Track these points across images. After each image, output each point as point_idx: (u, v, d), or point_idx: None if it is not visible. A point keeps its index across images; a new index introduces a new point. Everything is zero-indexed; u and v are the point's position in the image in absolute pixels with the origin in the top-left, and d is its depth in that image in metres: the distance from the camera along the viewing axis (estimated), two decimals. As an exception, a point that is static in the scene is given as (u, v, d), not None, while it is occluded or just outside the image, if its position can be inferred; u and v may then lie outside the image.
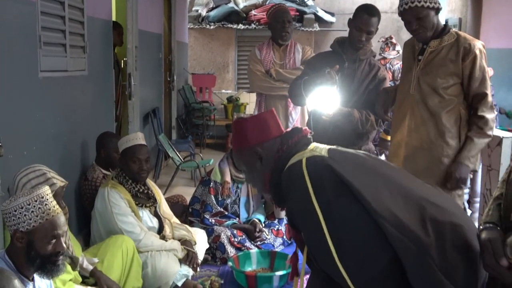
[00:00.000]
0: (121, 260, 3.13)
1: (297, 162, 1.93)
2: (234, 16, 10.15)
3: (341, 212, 1.75)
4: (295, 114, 4.58)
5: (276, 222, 4.37)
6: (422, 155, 3.02)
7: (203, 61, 10.51)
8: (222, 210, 4.21)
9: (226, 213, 4.23)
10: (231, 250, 3.92)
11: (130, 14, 5.38)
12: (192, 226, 3.92)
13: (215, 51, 10.50)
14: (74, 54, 3.74)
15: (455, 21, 8.72)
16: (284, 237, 4.30)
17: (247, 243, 4.03)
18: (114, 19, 5.55)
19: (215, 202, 4.20)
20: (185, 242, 3.57)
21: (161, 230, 3.56)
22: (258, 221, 4.25)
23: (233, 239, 3.99)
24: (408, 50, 3.23)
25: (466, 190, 4.23)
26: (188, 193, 4.87)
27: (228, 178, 4.25)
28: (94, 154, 4.07)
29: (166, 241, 3.48)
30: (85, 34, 3.92)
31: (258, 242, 4.12)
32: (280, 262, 3.75)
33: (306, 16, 10.14)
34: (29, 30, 3.08)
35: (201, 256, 3.69)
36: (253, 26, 10.02)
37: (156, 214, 3.58)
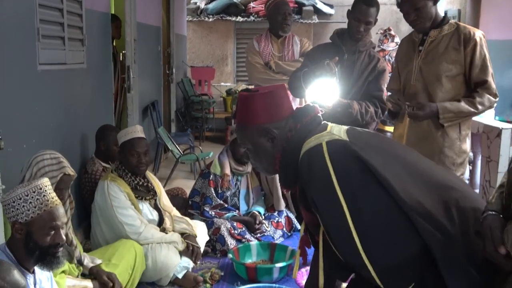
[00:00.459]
0: (127, 263, 3.13)
1: (316, 146, 1.82)
2: (233, 8, 10.13)
3: (367, 202, 1.70)
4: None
5: (276, 214, 4.37)
6: (423, 146, 3.02)
7: (202, 53, 10.49)
8: (222, 202, 4.21)
9: (226, 205, 4.23)
10: (231, 242, 3.92)
11: (128, 6, 5.35)
12: (192, 219, 3.93)
13: (214, 44, 10.48)
14: (73, 47, 3.73)
15: (454, 12, 8.70)
16: (284, 229, 4.31)
17: (247, 235, 4.04)
18: (112, 12, 5.53)
19: (215, 194, 4.20)
20: (188, 237, 3.57)
21: (161, 223, 3.57)
22: (258, 213, 4.25)
23: (233, 231, 3.99)
24: (405, 45, 3.25)
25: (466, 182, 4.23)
26: (187, 186, 4.87)
27: (227, 170, 4.25)
28: (93, 147, 4.07)
29: (166, 233, 3.49)
30: (83, 27, 3.91)
31: (258, 234, 4.13)
32: (280, 254, 3.76)
33: (305, 8, 10.12)
34: (27, 23, 3.07)
35: (201, 248, 3.69)
36: (251, 18, 10.00)
37: (156, 207, 3.58)
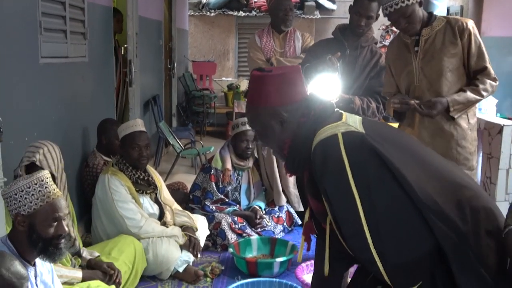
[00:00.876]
0: (126, 257, 3.13)
1: (332, 136, 1.76)
2: (235, 3, 10.10)
3: (381, 197, 1.67)
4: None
5: (276, 209, 4.38)
6: (439, 142, 3.03)
7: (204, 48, 10.47)
8: (223, 197, 4.22)
9: (227, 200, 4.24)
10: (232, 237, 3.93)
11: (130, 0, 5.34)
12: (193, 213, 3.93)
13: (216, 39, 10.46)
14: (75, 40, 3.73)
15: (457, 9, 8.67)
16: (284, 224, 4.31)
17: (248, 230, 4.04)
18: (114, 6, 5.52)
19: (216, 189, 4.20)
20: (186, 229, 3.58)
21: (162, 217, 3.57)
22: (258, 208, 4.26)
23: (233, 226, 4.00)
24: (396, 48, 3.23)
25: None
26: (188, 180, 4.88)
27: (229, 165, 4.25)
28: (95, 140, 4.07)
29: (167, 227, 3.49)
30: (85, 20, 3.91)
31: (259, 229, 4.14)
32: (280, 249, 3.76)
33: (307, 3, 10.10)
34: (29, 16, 3.07)
35: (201, 242, 3.70)
36: (253, 13, 9.98)
37: (156, 201, 3.59)
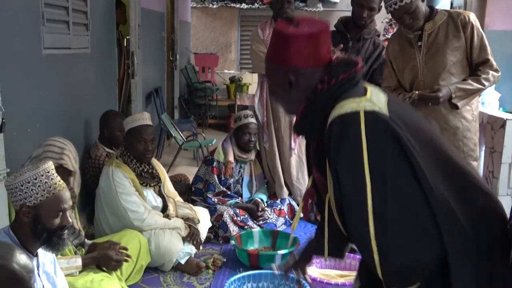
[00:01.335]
0: (131, 251, 3.13)
1: (353, 114, 1.57)
2: (237, -5, 10.08)
3: (394, 190, 1.52)
4: None
5: (278, 202, 4.38)
6: (446, 135, 3.04)
7: (206, 40, 10.45)
8: (225, 189, 4.22)
9: (229, 192, 4.24)
10: (234, 229, 3.94)
11: (133, -8, 5.34)
12: (194, 205, 3.94)
13: (218, 31, 10.44)
14: (77, 32, 3.72)
15: (460, 2, 8.61)
16: (286, 217, 4.32)
17: (250, 222, 4.05)
18: (117, -3, 5.51)
19: (218, 181, 4.20)
20: (188, 219, 3.59)
21: (165, 209, 3.57)
22: (260, 200, 4.26)
23: (235, 218, 4.01)
24: (397, 43, 3.22)
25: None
26: (190, 172, 4.88)
27: (231, 158, 4.25)
28: (97, 132, 4.07)
29: (170, 219, 3.50)
30: (88, 11, 3.90)
31: (261, 221, 4.14)
32: (282, 241, 3.77)
33: (310, -4, 10.07)
34: (32, 7, 3.06)
35: (203, 234, 3.71)
36: (256, 5, 9.94)
37: (160, 194, 3.59)
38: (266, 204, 4.32)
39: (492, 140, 4.22)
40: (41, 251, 2.12)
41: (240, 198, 4.29)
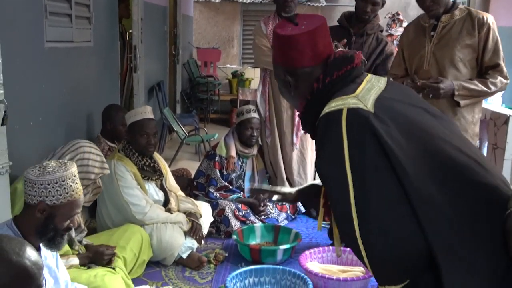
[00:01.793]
0: (133, 246, 3.16)
1: (336, 111, 1.60)
2: (240, -11, 10.06)
3: (374, 185, 1.52)
4: None
5: (280, 197, 4.37)
6: None
7: (208, 35, 10.44)
8: (227, 184, 4.22)
9: (231, 187, 4.24)
10: (236, 224, 3.94)
11: (135, -15, 5.33)
12: (196, 200, 3.94)
13: (220, 25, 10.43)
14: (80, 25, 3.71)
15: (464, -2, 8.60)
16: (288, 212, 4.32)
17: (252, 217, 4.05)
18: (120, -9, 5.49)
19: (220, 176, 4.20)
20: (190, 214, 3.59)
21: (166, 203, 3.57)
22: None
23: (237, 213, 4.01)
24: (413, 31, 3.22)
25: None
26: (192, 167, 4.88)
27: (233, 152, 4.25)
28: (99, 126, 4.07)
29: (172, 214, 3.50)
30: (90, 4, 3.89)
31: (262, 217, 4.14)
32: (284, 237, 3.77)
33: (313, -10, 10.05)
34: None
35: (205, 229, 3.71)
36: (258, 0, 9.92)
37: (162, 187, 3.59)
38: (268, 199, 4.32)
39: (495, 136, 4.21)
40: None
41: (242, 193, 4.29)
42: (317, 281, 3.02)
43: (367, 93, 1.65)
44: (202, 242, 3.62)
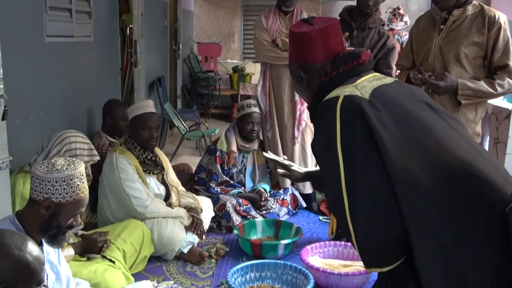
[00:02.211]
0: (135, 240, 3.16)
1: (334, 98, 1.71)
2: (240, -16, 10.02)
3: (361, 168, 1.60)
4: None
5: (281, 191, 4.37)
6: None
7: (209, 30, 10.41)
8: (228, 179, 4.22)
9: (232, 182, 4.24)
10: (237, 219, 3.94)
11: (136, -20, 5.31)
12: (197, 195, 3.94)
13: (221, 20, 10.39)
14: (80, 20, 3.70)
15: (465, -8, 8.57)
16: (289, 206, 4.31)
17: (253, 212, 4.04)
18: (120, -15, 5.48)
19: (221, 171, 4.20)
20: (190, 209, 3.59)
21: (167, 198, 3.57)
22: (263, 190, 4.25)
23: (238, 208, 4.00)
24: (423, 23, 3.16)
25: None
26: (193, 162, 4.87)
27: (234, 147, 4.24)
28: (100, 121, 4.06)
29: (172, 208, 3.50)
30: (90, -1, 3.88)
31: (263, 211, 4.14)
32: (285, 231, 3.76)
33: (313, -15, 10.00)
34: (34, -6, 3.05)
35: (206, 224, 3.71)
36: (259, -5, 9.89)
37: (163, 182, 3.59)
38: (269, 194, 4.31)
39: (496, 130, 4.20)
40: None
41: (243, 187, 4.28)
42: (318, 275, 3.02)
43: (368, 84, 1.75)
44: (203, 237, 3.62)
